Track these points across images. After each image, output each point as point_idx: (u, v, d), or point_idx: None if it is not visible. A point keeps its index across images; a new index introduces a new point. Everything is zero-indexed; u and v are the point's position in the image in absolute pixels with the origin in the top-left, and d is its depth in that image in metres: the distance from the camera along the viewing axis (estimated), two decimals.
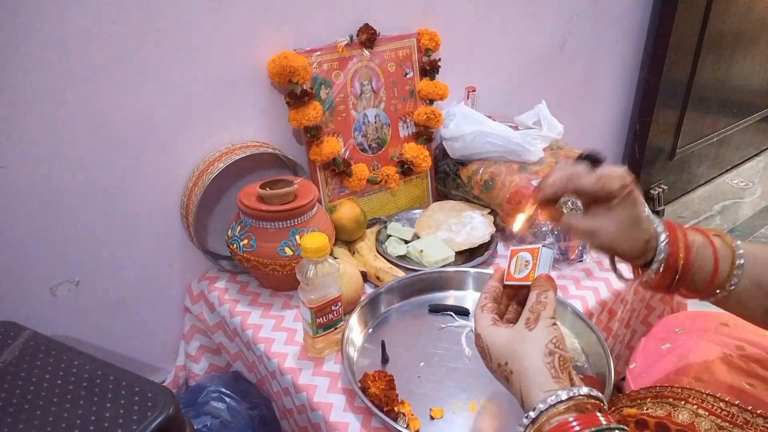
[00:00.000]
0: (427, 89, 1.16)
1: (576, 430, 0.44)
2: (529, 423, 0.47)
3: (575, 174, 0.56)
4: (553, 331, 0.50)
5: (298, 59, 0.96)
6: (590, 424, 0.44)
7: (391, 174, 1.15)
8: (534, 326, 0.51)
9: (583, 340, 0.83)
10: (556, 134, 1.23)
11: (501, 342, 0.52)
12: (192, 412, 0.94)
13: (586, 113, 1.81)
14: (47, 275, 0.90)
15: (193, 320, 1.06)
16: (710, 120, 2.17)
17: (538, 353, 0.49)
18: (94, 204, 0.90)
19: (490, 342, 0.53)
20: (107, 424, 0.63)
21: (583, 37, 1.61)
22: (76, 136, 0.84)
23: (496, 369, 0.54)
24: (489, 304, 0.57)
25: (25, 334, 0.76)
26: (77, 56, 0.80)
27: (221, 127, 0.99)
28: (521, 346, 0.51)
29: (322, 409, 0.75)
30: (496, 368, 0.53)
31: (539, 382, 0.48)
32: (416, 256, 1.03)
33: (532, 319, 0.51)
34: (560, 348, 0.49)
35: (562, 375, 0.48)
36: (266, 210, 0.88)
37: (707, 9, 1.80)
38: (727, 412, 0.65)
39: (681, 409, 0.66)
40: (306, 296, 0.77)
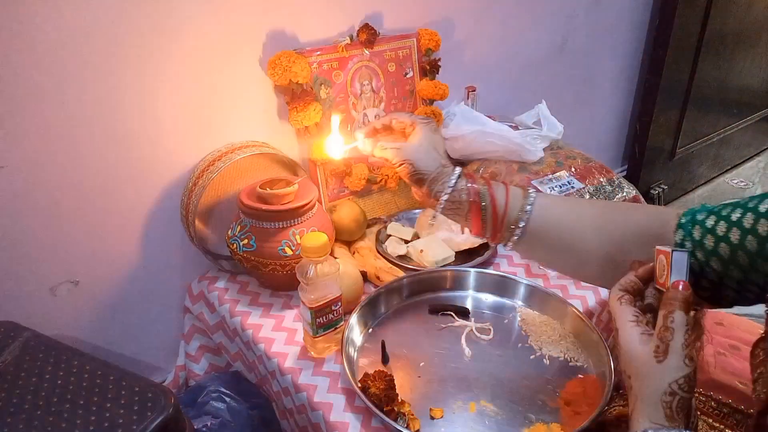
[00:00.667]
0: (427, 89, 1.16)
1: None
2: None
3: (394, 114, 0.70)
4: (682, 369, 0.46)
5: (298, 59, 0.96)
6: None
7: (391, 174, 1.15)
8: (663, 358, 0.47)
9: (583, 340, 0.83)
10: (556, 134, 1.23)
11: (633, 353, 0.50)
12: (192, 412, 0.94)
13: (586, 113, 1.81)
14: (47, 275, 0.90)
15: (193, 320, 1.06)
16: (710, 120, 2.17)
17: (658, 389, 0.47)
18: (94, 204, 0.90)
19: (624, 346, 0.51)
20: (107, 424, 0.63)
21: (583, 37, 1.61)
22: (76, 136, 0.84)
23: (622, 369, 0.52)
24: (626, 296, 0.54)
25: (25, 334, 0.76)
26: (77, 56, 0.80)
27: (221, 127, 0.99)
28: (646, 373, 0.48)
29: (322, 409, 0.75)
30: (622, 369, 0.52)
31: (651, 413, 0.47)
32: (416, 256, 1.03)
33: (662, 349, 0.47)
34: (684, 390, 0.46)
35: (677, 416, 0.47)
36: (266, 210, 0.87)
37: (707, 9, 1.81)
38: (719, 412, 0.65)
39: None
40: (306, 296, 0.77)
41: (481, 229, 0.65)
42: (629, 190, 1.15)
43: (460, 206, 0.64)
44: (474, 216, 0.64)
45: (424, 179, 0.65)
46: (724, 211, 0.55)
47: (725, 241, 0.53)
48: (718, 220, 0.55)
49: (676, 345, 0.46)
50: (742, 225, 0.52)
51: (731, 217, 0.53)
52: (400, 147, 0.66)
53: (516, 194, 0.64)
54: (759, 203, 0.52)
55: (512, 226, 0.63)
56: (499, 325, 0.88)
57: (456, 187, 0.64)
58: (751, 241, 0.51)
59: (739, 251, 0.52)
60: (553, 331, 0.86)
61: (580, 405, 0.72)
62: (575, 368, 0.79)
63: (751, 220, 0.51)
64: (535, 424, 0.70)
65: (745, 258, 0.52)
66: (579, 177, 1.15)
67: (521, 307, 0.92)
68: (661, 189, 2.10)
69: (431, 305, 0.91)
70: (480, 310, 0.91)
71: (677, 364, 0.46)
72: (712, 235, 0.54)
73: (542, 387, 0.76)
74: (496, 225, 0.64)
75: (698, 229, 0.56)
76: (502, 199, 0.63)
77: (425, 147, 0.65)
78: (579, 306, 0.89)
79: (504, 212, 0.63)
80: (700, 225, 0.56)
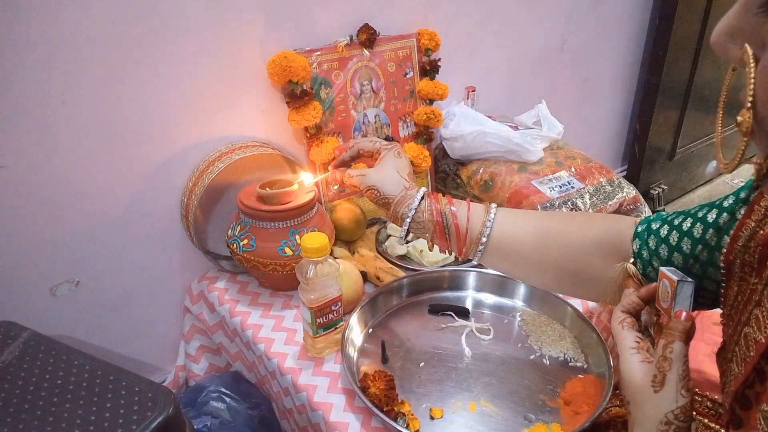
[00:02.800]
0: (427, 89, 1.16)
1: None
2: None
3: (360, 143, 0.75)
4: (678, 400, 0.47)
5: (298, 59, 0.96)
6: None
7: None
8: (659, 389, 0.47)
9: (583, 340, 0.83)
10: (556, 134, 1.23)
11: (631, 381, 0.50)
12: (192, 412, 0.94)
13: (586, 113, 1.81)
14: (47, 275, 0.90)
15: (193, 320, 1.06)
16: (710, 120, 2.17)
17: (654, 418, 0.47)
18: (94, 204, 0.90)
19: (624, 373, 0.51)
20: (107, 424, 0.63)
21: (583, 37, 1.61)
22: (76, 136, 0.84)
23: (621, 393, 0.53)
24: (629, 319, 0.54)
25: (25, 334, 0.76)
26: (77, 56, 0.80)
27: (221, 127, 0.99)
28: (642, 402, 0.48)
29: (322, 409, 0.75)
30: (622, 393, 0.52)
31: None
32: (416, 256, 1.03)
33: (659, 379, 0.47)
34: (680, 420, 0.46)
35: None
36: (266, 210, 0.88)
37: (707, 9, 1.81)
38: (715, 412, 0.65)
39: None
40: (306, 296, 0.77)
41: (447, 246, 0.68)
42: (629, 191, 1.15)
43: (424, 226, 0.68)
44: (438, 235, 0.67)
45: (389, 203, 0.69)
46: (676, 220, 0.56)
47: (678, 251, 0.55)
48: (670, 229, 0.56)
49: (673, 376, 0.47)
50: (692, 234, 0.54)
51: (682, 227, 0.55)
52: (364, 174, 0.71)
53: (477, 211, 0.67)
54: (707, 213, 0.53)
55: (475, 242, 0.66)
56: (499, 325, 0.88)
57: (419, 208, 0.67)
58: (701, 251, 0.52)
59: (691, 260, 0.53)
60: (553, 331, 0.86)
61: (580, 405, 0.72)
62: (575, 368, 0.79)
63: (700, 230, 0.53)
64: (535, 424, 0.70)
65: (698, 267, 0.53)
66: (579, 177, 1.15)
67: (521, 307, 0.92)
68: (661, 189, 2.10)
69: (431, 305, 0.91)
70: (480, 310, 0.91)
71: (673, 396, 0.46)
72: (665, 245, 0.56)
73: (542, 387, 0.76)
74: (459, 241, 0.67)
75: (653, 238, 0.58)
76: (464, 216, 0.66)
77: (389, 172, 0.70)
78: (579, 306, 0.89)
79: (466, 229, 0.66)
80: (654, 234, 0.57)
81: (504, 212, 0.67)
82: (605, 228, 0.63)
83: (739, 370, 0.43)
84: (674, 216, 0.57)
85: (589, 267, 0.62)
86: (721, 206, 0.53)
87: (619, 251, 0.61)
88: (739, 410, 0.43)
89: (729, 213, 0.51)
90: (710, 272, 0.53)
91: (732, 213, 0.51)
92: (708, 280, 0.53)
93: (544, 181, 1.12)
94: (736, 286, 0.48)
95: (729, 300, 0.49)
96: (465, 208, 0.67)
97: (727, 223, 0.51)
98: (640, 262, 0.59)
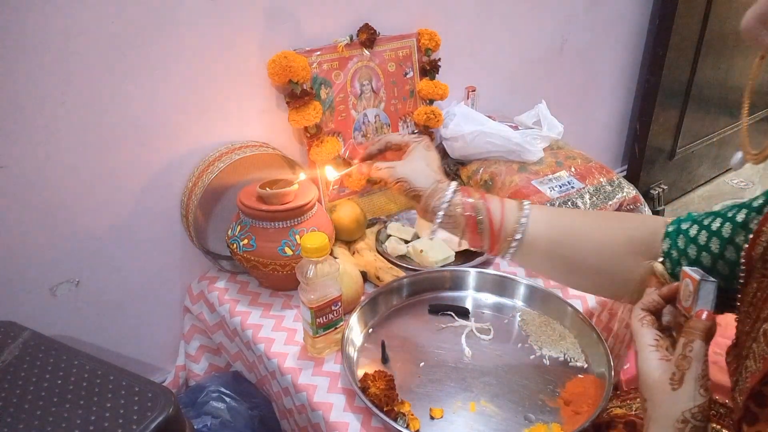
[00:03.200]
0: (427, 89, 1.16)
1: None
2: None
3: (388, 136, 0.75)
4: (696, 399, 0.46)
5: (298, 59, 0.96)
6: None
7: None
8: (678, 387, 0.47)
9: (583, 340, 0.83)
10: (556, 134, 1.23)
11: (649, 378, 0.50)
12: (192, 412, 0.94)
13: (586, 113, 1.81)
14: (47, 275, 0.90)
15: (193, 320, 1.06)
16: (710, 120, 2.17)
17: (671, 416, 0.47)
18: (94, 204, 0.90)
19: (642, 370, 0.51)
20: (107, 424, 0.63)
21: (583, 37, 1.61)
22: (76, 136, 0.84)
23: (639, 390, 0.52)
24: (648, 317, 0.54)
25: (25, 334, 0.76)
26: (77, 56, 0.80)
27: (221, 127, 0.99)
28: (660, 399, 0.48)
29: (322, 409, 0.75)
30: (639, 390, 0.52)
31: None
32: (416, 256, 1.03)
33: (677, 377, 0.47)
34: (697, 419, 0.46)
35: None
36: (266, 210, 0.87)
37: (707, 9, 1.81)
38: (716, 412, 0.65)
39: None
40: (306, 296, 0.77)
41: (479, 242, 0.67)
42: (629, 191, 1.15)
43: (456, 221, 0.66)
44: (470, 230, 0.65)
45: (420, 195, 0.67)
46: (706, 220, 0.56)
47: (706, 251, 0.55)
48: (699, 229, 0.56)
49: (692, 375, 0.47)
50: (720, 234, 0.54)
51: (711, 227, 0.55)
52: (394, 166, 0.69)
53: (511, 207, 0.65)
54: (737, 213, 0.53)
55: (509, 239, 0.64)
56: (499, 325, 0.88)
57: (452, 201, 0.65)
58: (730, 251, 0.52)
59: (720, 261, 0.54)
60: (553, 331, 0.86)
61: (580, 405, 0.72)
62: (575, 368, 0.79)
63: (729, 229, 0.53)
64: (535, 424, 0.70)
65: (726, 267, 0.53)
66: (579, 177, 1.15)
67: (521, 307, 0.92)
68: (661, 189, 2.10)
69: (431, 305, 0.91)
70: (480, 310, 0.91)
71: (691, 394, 0.46)
72: (694, 244, 0.56)
73: (542, 387, 0.76)
74: (493, 238, 0.65)
75: (682, 238, 0.57)
76: (498, 212, 0.65)
77: (419, 165, 0.69)
78: (579, 306, 0.89)
79: (500, 225, 0.64)
80: (684, 234, 0.57)
81: (538, 209, 0.66)
82: (638, 227, 0.63)
83: (757, 366, 0.43)
84: (704, 216, 0.57)
85: (621, 266, 0.62)
86: (751, 206, 0.53)
87: (650, 250, 0.60)
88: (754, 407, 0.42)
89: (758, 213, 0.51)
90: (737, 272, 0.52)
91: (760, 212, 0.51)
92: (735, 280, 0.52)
93: (544, 181, 1.12)
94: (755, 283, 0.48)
95: (747, 297, 0.48)
96: (498, 203, 0.66)
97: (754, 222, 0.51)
98: (669, 261, 0.59)
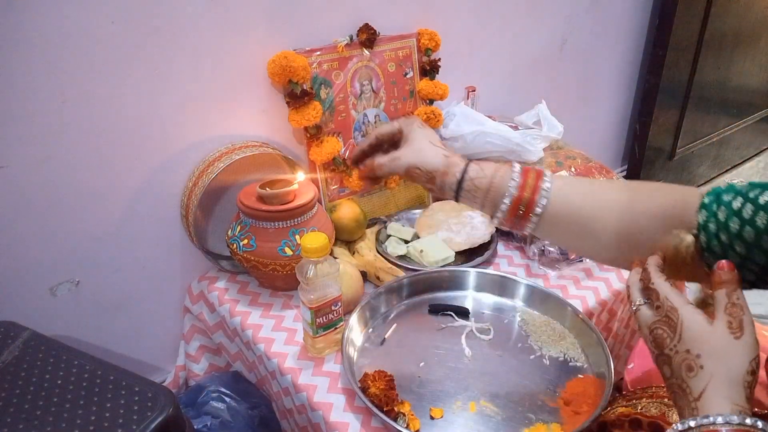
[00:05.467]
0: (427, 89, 1.16)
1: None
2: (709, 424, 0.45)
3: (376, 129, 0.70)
4: (757, 347, 0.45)
5: (298, 59, 0.96)
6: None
7: None
8: (740, 335, 0.45)
9: (583, 340, 0.83)
10: (556, 134, 1.23)
11: (701, 332, 0.47)
12: (192, 412, 0.94)
13: (586, 113, 1.81)
14: (47, 275, 0.90)
15: (193, 320, 1.06)
16: (710, 120, 2.17)
17: (741, 367, 0.45)
18: (94, 204, 0.90)
19: (688, 324, 0.48)
20: (107, 424, 0.63)
21: (583, 37, 1.61)
22: (76, 136, 0.84)
23: (679, 352, 0.49)
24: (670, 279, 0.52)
25: (25, 334, 0.76)
26: (77, 56, 0.80)
27: (221, 127, 0.99)
28: (724, 351, 0.46)
29: (322, 409, 0.75)
30: (680, 352, 0.48)
31: (733, 395, 0.45)
32: (416, 256, 1.03)
33: (735, 324, 0.46)
34: (757, 370, 0.45)
35: (750, 397, 0.46)
36: (266, 210, 0.87)
37: (707, 9, 1.81)
38: None
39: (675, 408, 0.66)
40: (306, 296, 0.77)
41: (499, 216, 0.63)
42: None
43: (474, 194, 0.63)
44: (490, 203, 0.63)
45: (434, 177, 0.64)
46: (752, 192, 0.53)
47: (751, 225, 0.51)
48: (744, 202, 0.52)
49: (749, 321, 0.45)
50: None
51: (758, 200, 0.51)
52: (398, 156, 0.65)
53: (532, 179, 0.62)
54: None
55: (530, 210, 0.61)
56: (499, 325, 0.88)
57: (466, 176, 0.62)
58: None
59: (765, 235, 0.50)
60: (553, 331, 0.86)
61: (580, 405, 0.72)
62: (575, 368, 0.79)
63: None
64: (535, 424, 0.70)
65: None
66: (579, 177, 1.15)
67: (521, 307, 0.92)
68: None
69: (431, 305, 0.91)
70: (480, 310, 0.91)
71: (753, 340, 0.45)
72: (737, 218, 0.52)
73: (542, 387, 0.76)
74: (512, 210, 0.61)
75: (723, 210, 0.54)
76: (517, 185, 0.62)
77: (423, 145, 0.65)
78: (579, 306, 0.89)
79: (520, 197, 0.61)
80: (725, 206, 0.54)
81: (561, 180, 0.62)
82: (671, 198, 0.59)
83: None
84: (749, 188, 0.54)
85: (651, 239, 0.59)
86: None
87: (682, 222, 0.57)
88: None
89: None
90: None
91: None
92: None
93: None
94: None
95: None
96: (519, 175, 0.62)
97: None
98: (705, 234, 0.55)
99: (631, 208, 0.60)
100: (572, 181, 0.64)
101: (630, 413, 0.66)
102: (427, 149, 0.65)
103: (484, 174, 0.62)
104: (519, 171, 0.62)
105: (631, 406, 0.69)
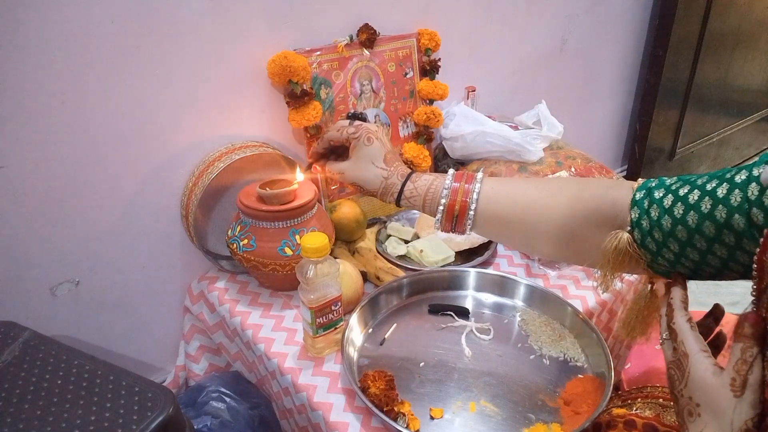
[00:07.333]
0: (427, 89, 1.16)
1: None
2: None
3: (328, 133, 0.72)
4: (759, 407, 0.45)
5: (298, 59, 0.96)
6: None
7: None
8: (740, 395, 0.45)
9: (583, 340, 0.83)
10: (556, 134, 1.23)
11: (704, 384, 0.47)
12: (192, 412, 0.94)
13: (586, 113, 1.81)
14: (47, 275, 0.90)
15: (193, 320, 1.06)
16: (710, 120, 2.17)
17: (735, 424, 0.45)
18: (94, 204, 0.90)
19: (694, 374, 0.48)
20: (107, 424, 0.63)
21: (583, 37, 1.61)
22: (76, 136, 0.84)
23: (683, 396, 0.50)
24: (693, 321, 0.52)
25: (25, 334, 0.76)
26: (77, 56, 0.80)
27: (221, 127, 0.99)
28: (722, 407, 0.46)
29: (322, 409, 0.75)
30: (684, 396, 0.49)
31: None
32: (416, 256, 1.03)
33: (739, 383, 0.45)
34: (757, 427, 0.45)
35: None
36: (266, 210, 0.87)
37: (707, 9, 1.81)
38: None
39: (670, 409, 0.66)
40: (306, 296, 0.77)
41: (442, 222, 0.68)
42: None
43: (414, 203, 0.68)
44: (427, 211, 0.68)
45: (374, 195, 0.70)
46: (681, 190, 0.53)
47: (683, 224, 0.52)
48: (675, 200, 0.53)
49: (754, 380, 0.44)
50: (699, 209, 0.51)
51: (688, 199, 0.52)
52: (343, 171, 0.71)
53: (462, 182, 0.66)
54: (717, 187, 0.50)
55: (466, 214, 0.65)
56: (499, 325, 0.88)
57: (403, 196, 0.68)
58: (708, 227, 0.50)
59: (696, 234, 0.51)
60: (553, 331, 0.86)
61: (579, 405, 0.72)
62: (575, 368, 0.79)
63: (708, 204, 0.50)
64: (535, 424, 0.70)
65: (703, 242, 0.51)
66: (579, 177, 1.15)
67: (521, 307, 0.92)
68: None
69: (431, 305, 0.91)
70: (480, 310, 0.91)
71: (754, 401, 0.44)
72: (669, 216, 0.53)
73: (542, 387, 0.76)
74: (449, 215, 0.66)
75: (655, 208, 0.55)
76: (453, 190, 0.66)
77: (363, 165, 0.69)
78: (579, 306, 0.89)
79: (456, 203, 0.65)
80: (657, 204, 0.54)
81: (490, 183, 0.65)
82: (598, 198, 0.60)
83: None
84: (678, 184, 0.54)
85: (583, 239, 0.60)
86: (733, 181, 0.50)
87: (614, 221, 0.58)
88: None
89: (741, 190, 0.48)
90: (714, 248, 0.51)
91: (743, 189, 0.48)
92: (712, 255, 0.51)
93: None
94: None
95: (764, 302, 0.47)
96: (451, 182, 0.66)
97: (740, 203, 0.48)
98: (639, 231, 0.56)
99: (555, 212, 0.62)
100: (499, 183, 0.66)
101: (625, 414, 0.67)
102: (367, 170, 0.69)
103: (417, 193, 0.67)
104: (451, 178, 0.66)
105: (626, 407, 0.69)
